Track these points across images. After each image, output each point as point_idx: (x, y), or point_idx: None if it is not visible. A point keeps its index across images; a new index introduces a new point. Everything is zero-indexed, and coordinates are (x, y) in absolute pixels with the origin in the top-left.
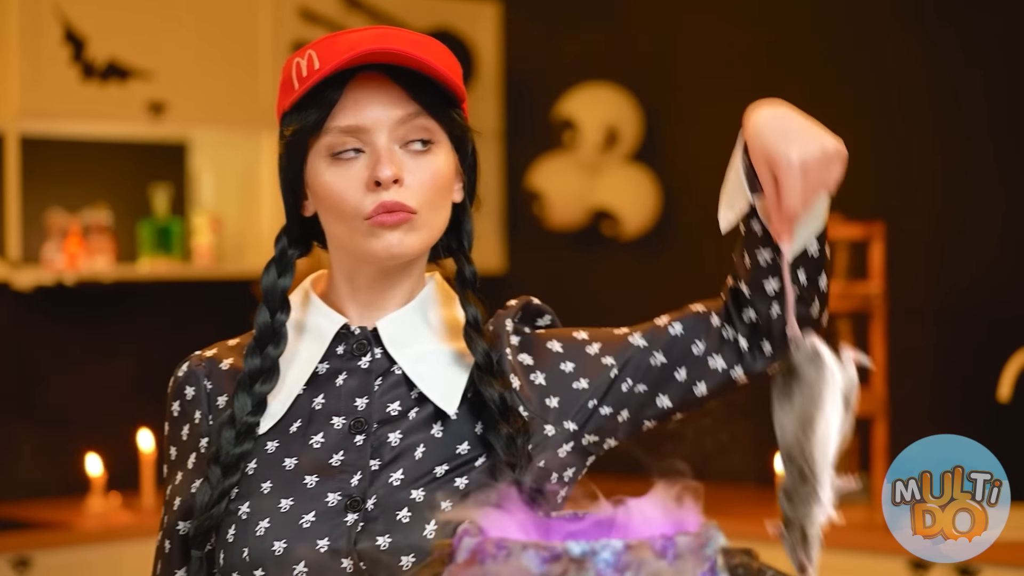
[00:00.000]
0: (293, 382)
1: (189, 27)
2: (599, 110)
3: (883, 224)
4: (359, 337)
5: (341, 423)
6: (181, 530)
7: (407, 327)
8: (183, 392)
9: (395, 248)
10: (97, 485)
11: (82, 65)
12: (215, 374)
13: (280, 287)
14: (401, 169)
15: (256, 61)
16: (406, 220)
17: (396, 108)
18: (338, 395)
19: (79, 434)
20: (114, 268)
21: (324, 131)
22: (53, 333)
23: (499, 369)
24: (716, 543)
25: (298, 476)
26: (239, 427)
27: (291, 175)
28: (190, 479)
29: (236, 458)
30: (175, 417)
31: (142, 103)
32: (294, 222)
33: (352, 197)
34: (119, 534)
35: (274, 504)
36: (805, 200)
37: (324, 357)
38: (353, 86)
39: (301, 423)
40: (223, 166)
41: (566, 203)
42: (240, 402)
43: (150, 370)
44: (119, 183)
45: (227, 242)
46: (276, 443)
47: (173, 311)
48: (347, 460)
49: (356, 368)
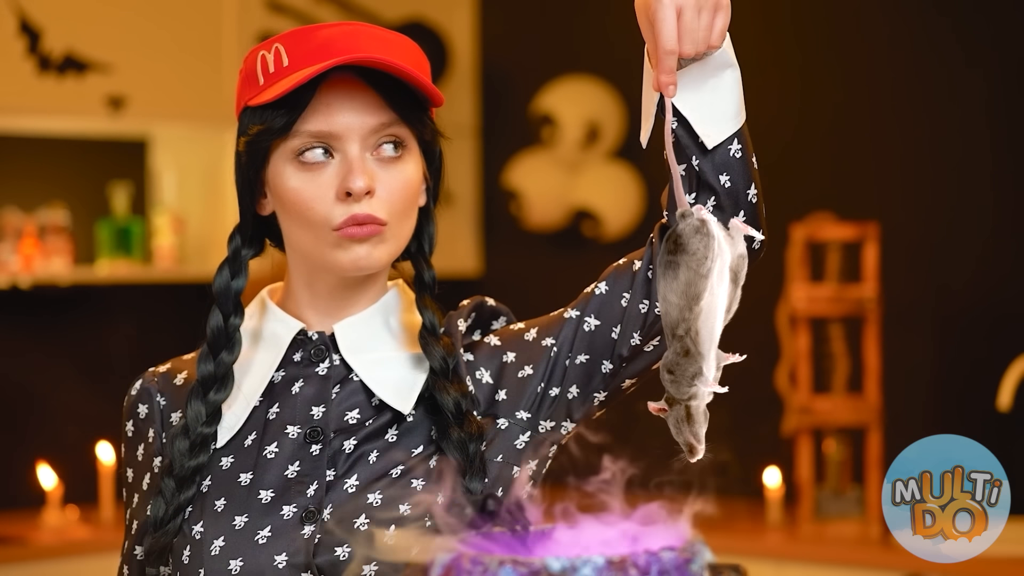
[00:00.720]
0: (249, 393)
1: (150, 18)
2: (580, 105)
3: (877, 225)
4: (316, 343)
5: (296, 432)
6: (139, 555)
7: (366, 331)
8: (136, 411)
9: (362, 261)
10: (53, 498)
11: (38, 58)
12: (169, 390)
13: (234, 289)
14: (373, 180)
15: (220, 53)
16: (376, 233)
17: (370, 115)
18: (294, 404)
19: (35, 444)
20: (71, 270)
21: (292, 134)
22: (7, 338)
23: (455, 375)
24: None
25: (252, 491)
26: (193, 438)
27: (250, 174)
28: (146, 501)
29: (191, 471)
30: (129, 437)
31: (100, 97)
32: (248, 221)
33: (321, 206)
34: (76, 549)
35: (228, 522)
36: (684, 42)
37: (280, 365)
38: (324, 89)
39: (256, 435)
40: (185, 163)
41: (545, 202)
42: (193, 411)
43: (109, 378)
44: (76, 181)
45: (190, 243)
46: (231, 458)
47: (134, 315)
48: (303, 471)
49: (313, 375)
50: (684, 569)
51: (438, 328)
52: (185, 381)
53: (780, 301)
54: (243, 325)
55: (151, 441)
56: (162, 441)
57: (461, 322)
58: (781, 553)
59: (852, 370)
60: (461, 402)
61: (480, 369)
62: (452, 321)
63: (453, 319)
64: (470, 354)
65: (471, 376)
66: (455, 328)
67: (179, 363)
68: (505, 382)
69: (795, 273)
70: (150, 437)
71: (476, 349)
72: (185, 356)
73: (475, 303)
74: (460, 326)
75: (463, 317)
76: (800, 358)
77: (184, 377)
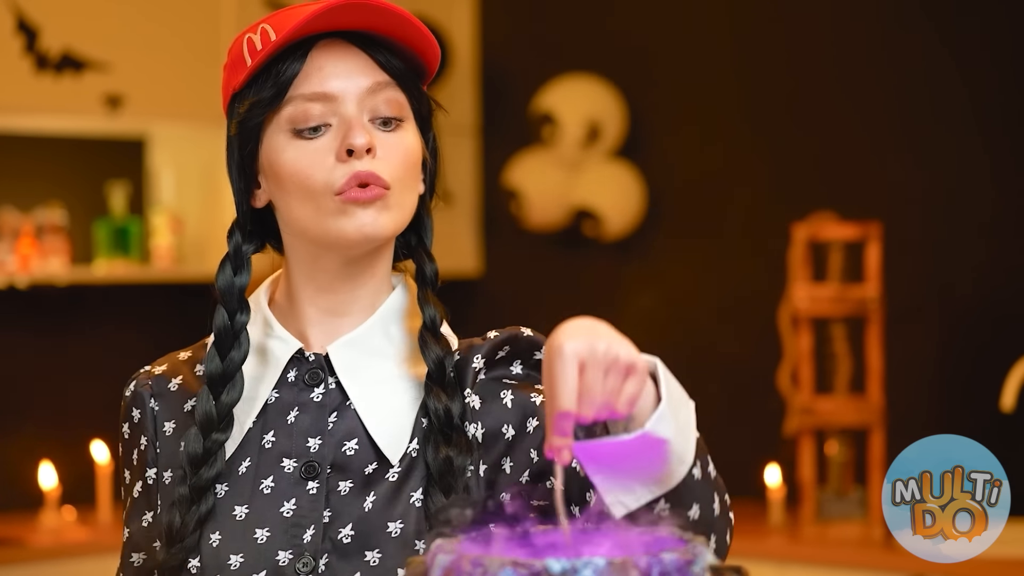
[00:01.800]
0: (244, 413)
1: (148, 16)
2: (580, 103)
3: (880, 224)
4: (313, 365)
5: (292, 467)
6: (135, 562)
7: (364, 349)
8: (131, 414)
9: (368, 228)
10: (51, 499)
11: (35, 56)
12: (162, 395)
13: (238, 286)
14: (374, 139)
15: (219, 52)
16: (380, 196)
17: (365, 76)
18: (290, 433)
19: (32, 445)
20: (69, 270)
21: (285, 102)
22: (4, 338)
23: (450, 380)
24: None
25: (249, 528)
26: (208, 445)
27: (244, 158)
28: (139, 509)
29: (209, 482)
30: (126, 440)
31: (98, 96)
32: (246, 214)
33: (320, 171)
34: (74, 551)
35: (224, 560)
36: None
37: (276, 385)
38: (314, 54)
39: (251, 463)
40: (184, 163)
41: (545, 202)
42: (204, 412)
43: (106, 378)
44: (74, 181)
45: (188, 243)
46: (227, 486)
47: (131, 315)
48: (299, 511)
49: (309, 402)
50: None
51: (439, 326)
52: (180, 386)
53: (782, 301)
54: (249, 330)
55: (143, 448)
56: (155, 451)
57: (479, 358)
58: (783, 555)
59: (854, 370)
60: (452, 409)
61: (477, 423)
62: (470, 353)
63: (473, 351)
64: (478, 398)
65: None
66: (468, 366)
67: (175, 364)
68: (487, 440)
69: (797, 273)
70: (142, 444)
71: (489, 399)
72: (180, 354)
73: (510, 334)
74: (477, 363)
75: (491, 350)
76: (802, 358)
77: (179, 382)
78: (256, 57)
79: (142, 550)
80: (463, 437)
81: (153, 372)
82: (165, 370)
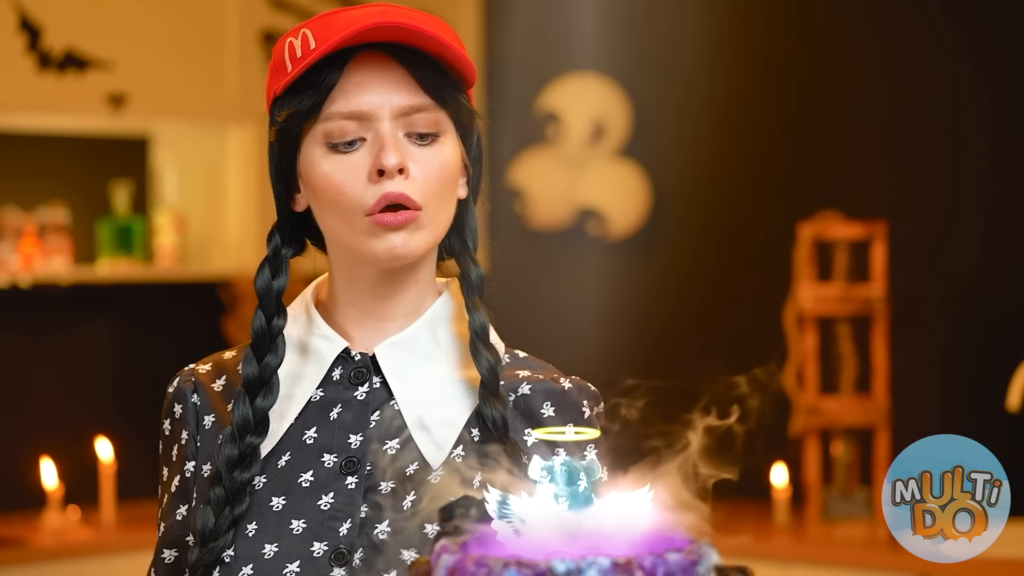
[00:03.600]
0: (286, 409)
1: (151, 14)
2: (585, 102)
3: (885, 224)
4: (358, 364)
5: (332, 461)
6: (167, 558)
7: (411, 350)
8: (173, 410)
9: (399, 250)
10: (54, 498)
11: (38, 55)
12: (204, 390)
13: (275, 289)
14: (406, 158)
15: (222, 50)
16: (412, 219)
17: (401, 93)
18: (331, 429)
19: (35, 444)
20: (72, 270)
21: (321, 117)
22: (7, 337)
23: (502, 388)
24: (709, 560)
25: (285, 519)
26: (243, 448)
27: (283, 164)
28: (175, 503)
29: (242, 484)
30: (166, 436)
31: (101, 95)
32: (286, 217)
33: (352, 189)
34: (77, 551)
35: (258, 549)
36: None
37: (320, 383)
38: (353, 67)
39: (290, 457)
40: (187, 162)
41: (550, 201)
42: (240, 416)
43: (109, 377)
44: (77, 180)
45: (191, 242)
46: (264, 478)
47: (134, 315)
48: (336, 504)
49: (352, 400)
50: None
51: (488, 332)
52: (224, 386)
53: (787, 301)
54: (288, 331)
55: (184, 443)
56: (195, 445)
57: (526, 386)
58: (788, 555)
59: (860, 370)
60: (507, 417)
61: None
62: (518, 379)
63: (524, 380)
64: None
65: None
66: (512, 389)
67: (219, 363)
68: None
69: (802, 272)
70: (183, 438)
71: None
72: (225, 353)
73: (564, 396)
74: (523, 389)
75: (540, 397)
76: (807, 358)
77: (223, 382)
78: (296, 65)
79: (175, 546)
80: (514, 445)
81: (197, 370)
82: (209, 368)
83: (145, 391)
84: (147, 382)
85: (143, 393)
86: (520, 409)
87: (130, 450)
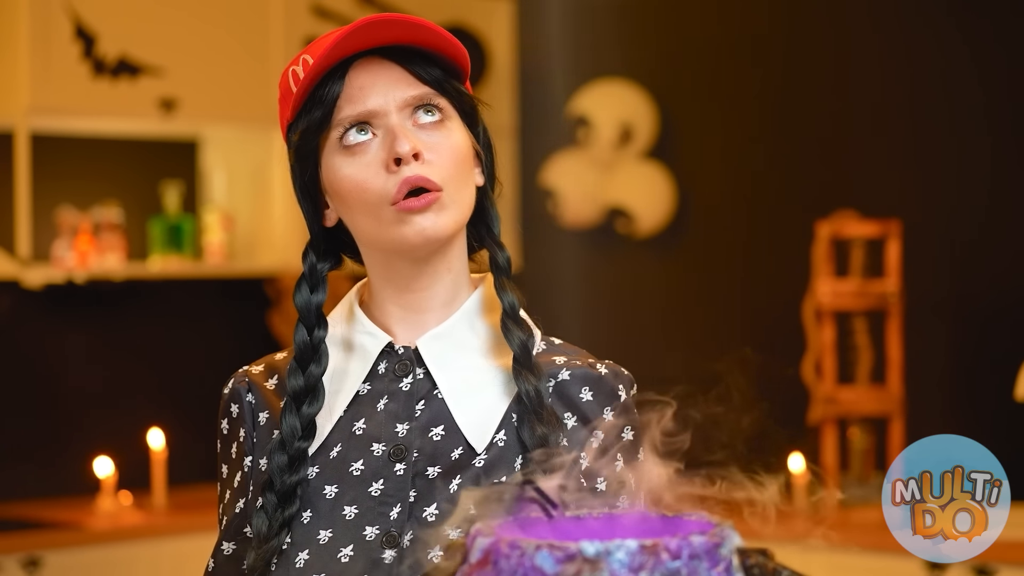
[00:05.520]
0: (335, 403)
1: (200, 23)
2: (614, 107)
3: (900, 221)
4: (402, 357)
5: (381, 450)
6: (226, 551)
7: (451, 341)
8: (229, 410)
9: (428, 231)
10: (107, 485)
11: (92, 62)
12: (258, 389)
13: (315, 303)
14: (418, 144)
15: (268, 57)
16: (435, 200)
17: (403, 87)
18: (379, 419)
19: (90, 433)
20: (125, 266)
21: (333, 125)
22: (63, 332)
23: (536, 361)
24: (731, 543)
25: (338, 506)
26: (292, 452)
27: (307, 182)
28: (236, 498)
29: (292, 486)
30: (224, 435)
31: (153, 100)
32: (318, 235)
33: (374, 183)
34: (129, 534)
35: (313, 535)
36: None
37: (367, 377)
38: (353, 75)
39: (341, 448)
40: (235, 163)
41: (580, 201)
42: (288, 425)
43: (161, 369)
44: (130, 180)
45: (239, 240)
46: (317, 468)
47: (184, 309)
48: (386, 490)
49: (398, 391)
50: (714, 553)
51: (518, 310)
52: (276, 384)
53: (806, 295)
54: (333, 331)
55: (242, 440)
56: (252, 440)
57: (566, 372)
58: (806, 538)
59: (875, 362)
60: (541, 390)
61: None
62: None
63: (564, 366)
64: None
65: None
66: (552, 373)
67: (271, 364)
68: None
69: (820, 268)
70: (241, 436)
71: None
72: (277, 356)
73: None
74: (563, 375)
75: (578, 382)
76: (825, 350)
77: (275, 381)
78: (300, 85)
79: (235, 539)
80: (552, 415)
81: (251, 371)
82: (262, 370)
83: (195, 382)
84: (196, 373)
85: (193, 384)
86: (559, 394)
87: (180, 438)
